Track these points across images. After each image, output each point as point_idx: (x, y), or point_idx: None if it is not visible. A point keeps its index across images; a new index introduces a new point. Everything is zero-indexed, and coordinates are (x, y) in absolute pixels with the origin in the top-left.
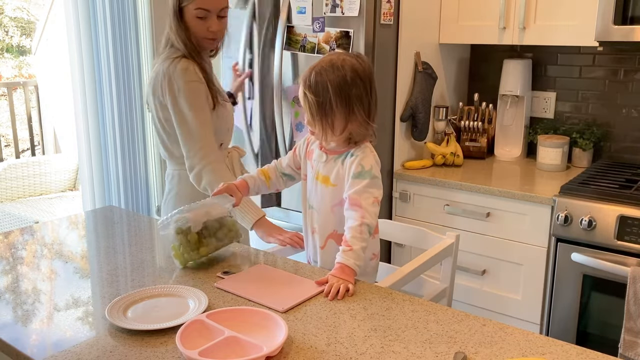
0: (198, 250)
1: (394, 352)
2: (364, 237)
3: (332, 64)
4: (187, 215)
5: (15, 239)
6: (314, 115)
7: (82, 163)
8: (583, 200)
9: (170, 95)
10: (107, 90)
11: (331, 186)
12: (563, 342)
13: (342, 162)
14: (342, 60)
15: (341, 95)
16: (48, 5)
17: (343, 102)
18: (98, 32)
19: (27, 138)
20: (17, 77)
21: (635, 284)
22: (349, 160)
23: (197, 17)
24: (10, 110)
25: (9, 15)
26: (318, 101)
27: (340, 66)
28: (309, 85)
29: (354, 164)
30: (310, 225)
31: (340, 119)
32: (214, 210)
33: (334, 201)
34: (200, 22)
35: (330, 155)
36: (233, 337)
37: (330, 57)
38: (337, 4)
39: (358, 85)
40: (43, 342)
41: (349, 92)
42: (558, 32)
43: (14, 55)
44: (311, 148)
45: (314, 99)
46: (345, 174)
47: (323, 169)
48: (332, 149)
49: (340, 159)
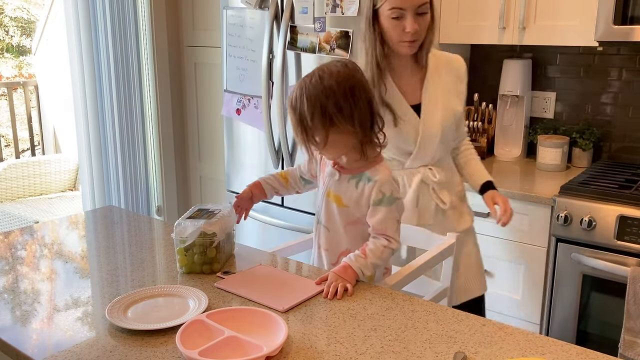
0: (211, 265)
1: (394, 352)
2: (382, 257)
3: (314, 76)
4: (213, 228)
5: (15, 239)
6: (296, 132)
7: (82, 163)
8: (583, 200)
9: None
10: (107, 90)
11: (344, 207)
12: (563, 342)
13: (356, 184)
14: (325, 70)
15: (315, 107)
16: (48, 5)
17: (319, 113)
18: (98, 32)
19: (27, 138)
20: (17, 77)
21: (635, 284)
22: (368, 187)
23: (392, 18)
24: (10, 110)
25: (9, 15)
26: (296, 118)
27: (319, 77)
28: (290, 103)
29: (373, 191)
30: (317, 241)
31: (321, 131)
32: (227, 224)
33: (347, 220)
34: (395, 24)
35: (343, 175)
36: (233, 337)
37: (316, 69)
38: (338, 4)
39: (337, 95)
40: (43, 342)
41: (325, 103)
42: (558, 32)
43: (14, 55)
44: (325, 161)
45: (292, 116)
46: (364, 200)
47: (335, 187)
48: (348, 166)
49: (354, 180)
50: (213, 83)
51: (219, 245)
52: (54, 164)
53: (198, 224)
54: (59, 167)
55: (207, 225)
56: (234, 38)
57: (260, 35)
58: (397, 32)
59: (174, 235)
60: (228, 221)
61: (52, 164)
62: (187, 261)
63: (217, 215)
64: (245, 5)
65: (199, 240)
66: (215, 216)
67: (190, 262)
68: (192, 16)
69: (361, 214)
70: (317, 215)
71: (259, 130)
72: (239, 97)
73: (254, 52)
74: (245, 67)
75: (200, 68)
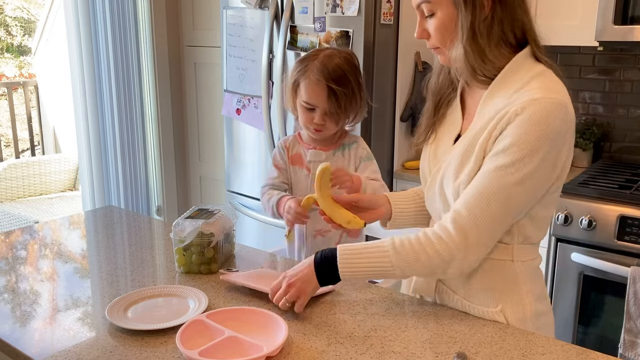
0: (209, 265)
1: (394, 352)
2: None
3: (333, 55)
4: (212, 228)
5: (15, 239)
6: (339, 107)
7: (82, 163)
8: (583, 200)
9: None
10: (107, 90)
11: None
12: (563, 342)
13: (342, 154)
14: (338, 52)
15: (358, 82)
16: (48, 5)
17: (359, 87)
18: (98, 32)
19: (27, 138)
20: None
21: (635, 284)
22: (352, 151)
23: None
24: (10, 110)
25: (9, 15)
26: (344, 92)
27: (342, 56)
28: (331, 78)
29: (358, 151)
30: (313, 229)
31: (358, 104)
32: (226, 224)
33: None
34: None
35: (327, 152)
36: (233, 337)
37: (324, 51)
38: (338, 4)
39: (360, 71)
40: (43, 342)
41: (359, 79)
42: (558, 32)
43: (14, 55)
44: (295, 152)
45: (340, 89)
46: (352, 164)
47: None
48: (324, 145)
49: (339, 151)
50: (213, 83)
51: (217, 245)
52: (54, 164)
53: (196, 224)
54: (59, 167)
55: (205, 225)
56: (234, 38)
57: (260, 35)
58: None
59: (172, 235)
60: (227, 221)
61: (52, 164)
62: (185, 261)
63: (216, 215)
64: (245, 5)
65: (196, 240)
66: (214, 216)
67: (188, 262)
68: (192, 16)
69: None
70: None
71: (259, 130)
72: (239, 97)
73: (254, 52)
74: (245, 67)
75: (200, 68)
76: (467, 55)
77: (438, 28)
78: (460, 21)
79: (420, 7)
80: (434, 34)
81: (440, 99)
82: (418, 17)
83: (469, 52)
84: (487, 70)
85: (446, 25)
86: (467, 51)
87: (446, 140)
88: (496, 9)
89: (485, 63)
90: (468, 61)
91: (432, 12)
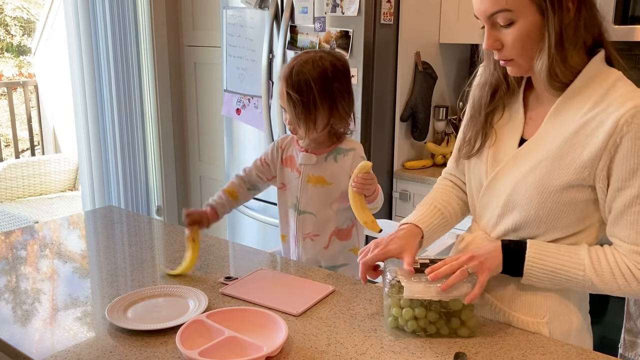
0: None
1: (394, 352)
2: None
3: (312, 60)
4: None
5: (15, 239)
6: (298, 114)
7: (82, 163)
8: None
9: None
10: (107, 90)
11: (327, 185)
12: (563, 342)
13: (334, 159)
14: (320, 57)
15: (324, 91)
16: (48, 5)
17: (326, 98)
18: (98, 32)
19: (27, 138)
20: (16, 77)
21: None
22: (347, 157)
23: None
24: (10, 110)
25: (9, 14)
26: (302, 100)
27: (320, 63)
28: (291, 85)
29: (355, 159)
30: (302, 232)
31: (324, 115)
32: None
33: (332, 198)
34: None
35: (319, 156)
36: (233, 337)
37: (308, 54)
38: (338, 4)
39: (340, 80)
40: (43, 342)
41: (331, 88)
42: None
43: (14, 54)
44: (289, 154)
45: (297, 97)
46: (345, 171)
47: (314, 170)
48: (318, 148)
49: (332, 156)
50: (213, 83)
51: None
52: (54, 164)
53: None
54: (58, 167)
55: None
56: (234, 38)
57: (260, 35)
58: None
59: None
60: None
61: (52, 164)
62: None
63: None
64: (245, 5)
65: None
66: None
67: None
68: (192, 16)
69: (344, 187)
70: (294, 209)
71: (258, 130)
72: (239, 97)
73: (254, 52)
74: (245, 67)
75: (200, 68)
76: (552, 61)
77: (520, 38)
78: (547, 28)
79: (494, 17)
80: (513, 44)
81: (493, 109)
82: (486, 27)
83: (555, 58)
84: (566, 75)
85: (529, 34)
86: (553, 57)
87: (508, 143)
88: (581, 11)
89: (566, 68)
90: (551, 67)
91: (512, 21)
